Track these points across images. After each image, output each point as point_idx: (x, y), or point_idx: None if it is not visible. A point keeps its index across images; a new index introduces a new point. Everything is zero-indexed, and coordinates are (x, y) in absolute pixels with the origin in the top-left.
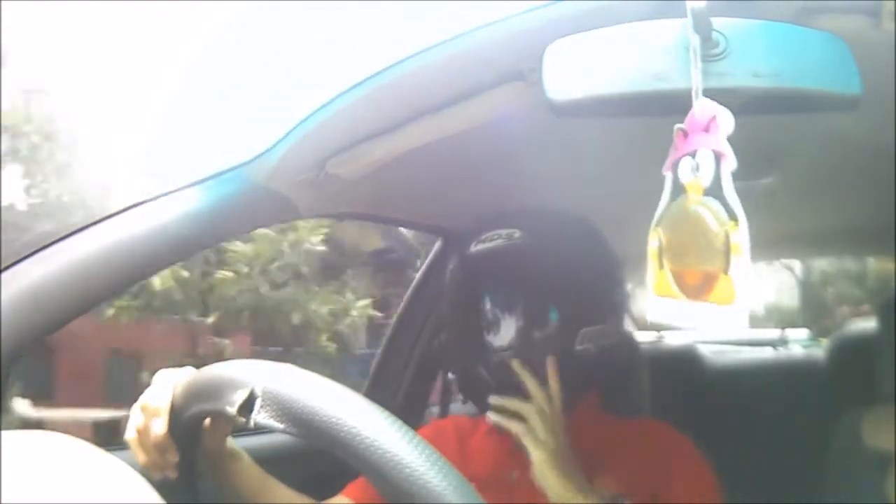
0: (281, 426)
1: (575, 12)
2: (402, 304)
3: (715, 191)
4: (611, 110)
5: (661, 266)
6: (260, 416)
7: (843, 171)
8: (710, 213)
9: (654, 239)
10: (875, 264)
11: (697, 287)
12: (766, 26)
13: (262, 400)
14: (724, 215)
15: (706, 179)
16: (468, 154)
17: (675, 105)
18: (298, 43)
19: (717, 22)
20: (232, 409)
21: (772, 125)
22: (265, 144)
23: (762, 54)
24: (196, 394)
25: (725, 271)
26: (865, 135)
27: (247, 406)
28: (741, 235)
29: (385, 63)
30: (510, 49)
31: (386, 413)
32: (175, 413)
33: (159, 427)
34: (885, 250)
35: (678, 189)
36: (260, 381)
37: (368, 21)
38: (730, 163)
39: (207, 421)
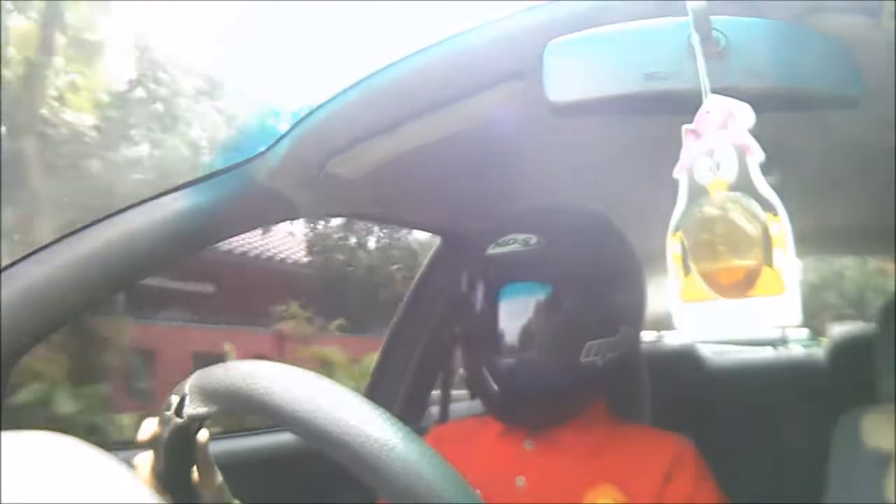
0: (206, 409)
1: (574, 11)
2: (403, 303)
3: (741, 186)
4: (610, 110)
5: (686, 271)
6: (190, 408)
7: (843, 171)
8: (740, 209)
9: (675, 243)
10: (875, 264)
11: (736, 285)
12: (766, 25)
13: (190, 394)
14: (756, 209)
15: (729, 176)
16: (468, 153)
17: (675, 104)
18: (298, 43)
19: (717, 21)
20: (170, 412)
21: (771, 124)
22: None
23: (762, 53)
24: (160, 426)
25: (768, 264)
26: (865, 135)
27: (181, 405)
28: (782, 225)
29: (385, 62)
30: (510, 48)
31: (290, 367)
32: (158, 457)
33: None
34: (885, 250)
35: (696, 190)
36: (189, 380)
37: (368, 21)
38: (756, 155)
39: (196, 475)
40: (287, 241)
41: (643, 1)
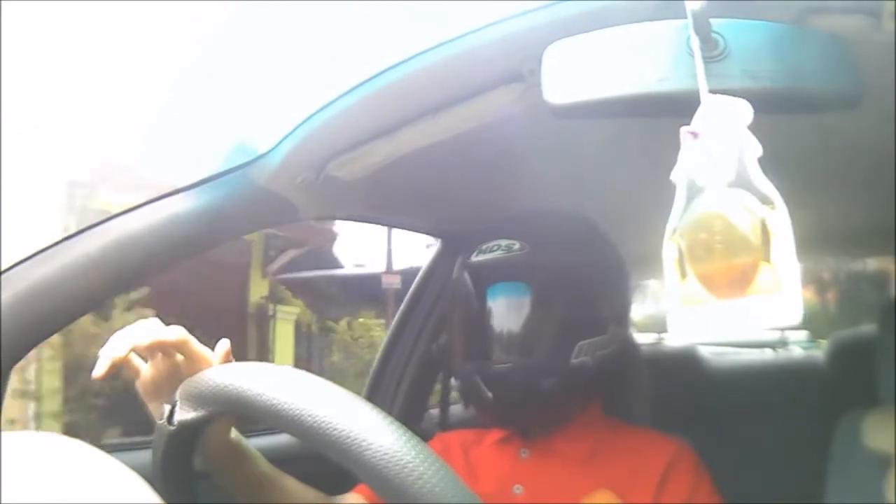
0: (196, 414)
1: (574, 14)
2: (402, 306)
3: (739, 183)
4: (610, 112)
5: (683, 275)
6: (181, 415)
7: (843, 171)
8: (738, 205)
9: (672, 247)
10: (875, 265)
11: (733, 284)
12: (766, 27)
13: (180, 401)
14: (755, 203)
15: (728, 174)
16: (468, 156)
17: (674, 106)
18: (298, 43)
19: (716, 23)
20: (162, 421)
21: (771, 125)
22: (265, 146)
23: (761, 55)
24: (156, 435)
25: (766, 258)
26: (865, 135)
27: (171, 413)
28: (779, 217)
29: (385, 64)
30: (509, 51)
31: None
32: (155, 462)
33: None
34: (885, 250)
35: (694, 190)
36: (180, 388)
37: (368, 22)
38: (755, 150)
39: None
40: None
41: (643, 2)
